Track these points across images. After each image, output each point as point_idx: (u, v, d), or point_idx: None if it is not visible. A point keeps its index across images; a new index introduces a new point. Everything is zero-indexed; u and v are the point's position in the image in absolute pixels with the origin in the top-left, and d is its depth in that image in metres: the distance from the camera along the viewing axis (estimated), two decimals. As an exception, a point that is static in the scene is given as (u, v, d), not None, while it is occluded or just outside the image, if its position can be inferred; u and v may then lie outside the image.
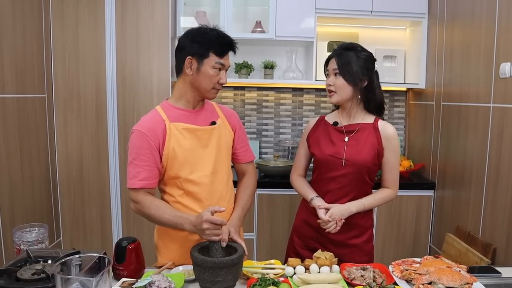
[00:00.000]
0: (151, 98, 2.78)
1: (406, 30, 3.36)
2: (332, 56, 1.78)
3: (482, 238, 2.26)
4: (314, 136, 1.86)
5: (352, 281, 1.47)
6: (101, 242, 2.87)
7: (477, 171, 2.35)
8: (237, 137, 1.77)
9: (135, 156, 1.56)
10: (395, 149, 1.78)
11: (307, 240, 1.87)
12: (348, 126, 1.80)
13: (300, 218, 1.92)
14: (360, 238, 1.83)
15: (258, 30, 3.07)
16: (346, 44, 1.80)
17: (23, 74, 2.43)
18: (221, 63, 1.59)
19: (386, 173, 1.81)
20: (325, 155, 1.77)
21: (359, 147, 1.75)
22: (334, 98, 1.77)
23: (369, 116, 1.81)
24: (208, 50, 1.57)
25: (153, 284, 1.32)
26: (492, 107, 2.20)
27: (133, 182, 1.56)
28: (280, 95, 3.43)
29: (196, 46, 1.57)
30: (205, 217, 1.40)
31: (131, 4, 2.71)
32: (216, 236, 1.43)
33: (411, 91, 3.39)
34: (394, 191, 1.83)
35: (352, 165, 1.74)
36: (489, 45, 2.23)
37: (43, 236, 1.62)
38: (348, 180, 1.75)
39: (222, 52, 1.59)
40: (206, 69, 1.57)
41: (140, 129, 1.56)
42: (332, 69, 1.76)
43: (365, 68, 1.73)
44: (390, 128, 1.78)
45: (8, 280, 1.32)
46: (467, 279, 1.41)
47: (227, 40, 1.62)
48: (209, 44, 1.57)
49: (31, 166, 2.53)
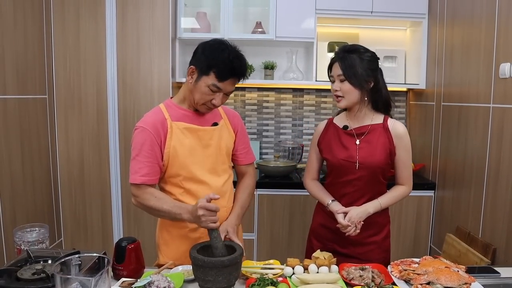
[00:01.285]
0: (151, 99, 2.79)
1: (406, 30, 3.36)
2: (335, 60, 1.74)
3: (482, 238, 2.26)
4: (325, 140, 1.85)
5: (350, 281, 1.48)
6: (102, 242, 2.88)
7: (477, 172, 2.35)
8: (238, 139, 1.78)
9: (138, 152, 1.58)
10: (407, 146, 1.78)
11: (326, 242, 1.86)
12: (358, 128, 1.78)
13: (317, 221, 1.91)
14: (378, 235, 1.82)
15: (259, 30, 3.07)
16: (348, 46, 1.77)
17: (25, 75, 2.44)
18: (217, 87, 1.54)
19: (399, 171, 1.81)
20: (339, 160, 1.76)
21: (371, 149, 1.74)
22: (343, 103, 1.75)
23: (377, 116, 1.80)
24: (210, 69, 1.52)
25: (153, 284, 1.33)
26: (492, 107, 2.20)
27: (134, 178, 1.58)
28: (280, 95, 3.44)
29: (202, 59, 1.54)
30: (200, 204, 1.41)
31: (132, 5, 2.72)
32: (213, 223, 1.42)
33: (411, 91, 3.39)
34: (409, 187, 1.84)
35: (366, 168, 1.73)
36: (489, 45, 2.23)
37: (44, 236, 1.63)
38: (363, 182, 1.75)
39: (222, 76, 1.53)
40: (201, 85, 1.55)
41: (143, 125, 1.59)
42: (337, 74, 1.72)
43: (369, 69, 1.71)
44: (401, 126, 1.78)
45: (8, 280, 1.33)
46: (465, 279, 1.41)
47: (232, 66, 1.53)
48: (213, 63, 1.52)
49: (33, 166, 2.54)
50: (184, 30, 2.98)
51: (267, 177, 2.99)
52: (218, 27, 3.03)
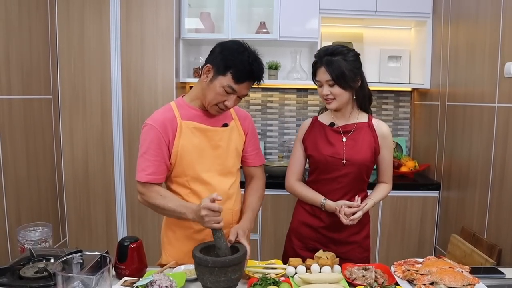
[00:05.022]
0: (155, 99, 2.80)
1: (411, 30, 3.35)
2: (320, 65, 1.70)
3: (487, 239, 2.24)
4: (310, 137, 1.84)
5: (353, 281, 1.47)
6: (106, 242, 2.89)
7: (482, 172, 2.33)
8: (248, 140, 1.77)
9: (145, 149, 1.58)
10: (390, 146, 1.84)
11: (307, 241, 1.86)
12: (344, 126, 1.80)
13: (298, 219, 1.90)
14: (359, 234, 1.83)
15: (263, 31, 3.07)
16: (330, 49, 1.71)
17: (29, 76, 2.46)
18: (233, 88, 1.52)
19: (383, 169, 1.86)
20: (325, 156, 1.76)
21: (357, 147, 1.76)
22: (334, 104, 1.73)
23: (362, 115, 1.83)
24: (227, 69, 1.50)
25: (155, 283, 1.33)
26: (497, 107, 2.19)
27: (141, 176, 1.58)
28: (284, 95, 3.44)
29: (220, 58, 1.52)
30: (203, 204, 1.40)
31: (136, 6, 2.73)
32: (217, 224, 1.42)
33: (416, 91, 3.37)
34: (391, 185, 1.90)
35: (352, 164, 1.74)
36: (494, 44, 2.22)
37: (47, 235, 1.64)
38: (349, 179, 1.76)
39: (239, 78, 1.51)
40: (216, 85, 1.53)
41: (152, 123, 1.58)
42: (325, 80, 1.69)
43: (355, 69, 1.70)
44: (385, 126, 1.82)
45: (11, 278, 1.34)
46: (469, 279, 1.40)
47: (251, 69, 1.51)
48: (231, 64, 1.50)
49: (37, 166, 2.56)
50: (188, 31, 2.99)
51: (271, 177, 2.98)
52: (222, 28, 3.03)
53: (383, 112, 3.45)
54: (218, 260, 1.33)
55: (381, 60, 3.30)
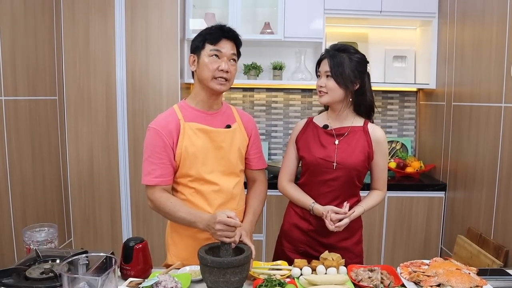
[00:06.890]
0: (160, 100, 2.80)
1: (416, 30, 3.33)
2: (324, 57, 1.73)
3: (494, 240, 2.22)
4: (303, 138, 1.83)
5: (359, 282, 1.46)
6: (112, 242, 2.90)
7: (488, 172, 2.32)
8: (251, 143, 1.78)
9: (150, 153, 1.59)
10: (385, 152, 1.79)
11: (298, 245, 1.83)
12: (338, 129, 1.78)
13: (289, 222, 1.88)
14: (350, 240, 1.80)
15: (267, 31, 3.07)
16: (339, 45, 1.75)
17: (35, 77, 2.47)
18: (216, 49, 1.59)
19: (376, 176, 1.82)
20: (316, 158, 1.74)
21: (349, 150, 1.73)
22: (325, 98, 1.73)
23: (358, 119, 1.79)
24: (203, 42, 1.61)
25: (160, 284, 1.33)
26: (504, 107, 2.17)
27: (148, 179, 1.59)
28: (289, 96, 3.43)
29: (194, 42, 1.64)
30: (219, 218, 1.41)
31: (141, 7, 2.74)
32: (228, 238, 1.43)
33: (421, 91, 3.36)
34: (385, 193, 1.86)
35: (343, 168, 1.71)
36: (500, 44, 2.20)
37: (53, 236, 1.64)
38: (339, 183, 1.73)
39: (214, 39, 1.59)
40: (203, 59, 1.60)
41: (155, 126, 1.60)
42: (324, 71, 1.71)
43: (357, 71, 1.70)
44: (380, 131, 1.78)
45: (17, 279, 1.35)
46: (476, 281, 1.39)
47: (222, 28, 1.62)
48: (203, 36, 1.62)
49: (43, 167, 2.57)
50: (193, 31, 2.98)
51: (276, 177, 2.96)
52: (222, 23, 3.03)
53: (388, 112, 3.44)
54: (216, 260, 1.33)
55: (386, 60, 3.29)
